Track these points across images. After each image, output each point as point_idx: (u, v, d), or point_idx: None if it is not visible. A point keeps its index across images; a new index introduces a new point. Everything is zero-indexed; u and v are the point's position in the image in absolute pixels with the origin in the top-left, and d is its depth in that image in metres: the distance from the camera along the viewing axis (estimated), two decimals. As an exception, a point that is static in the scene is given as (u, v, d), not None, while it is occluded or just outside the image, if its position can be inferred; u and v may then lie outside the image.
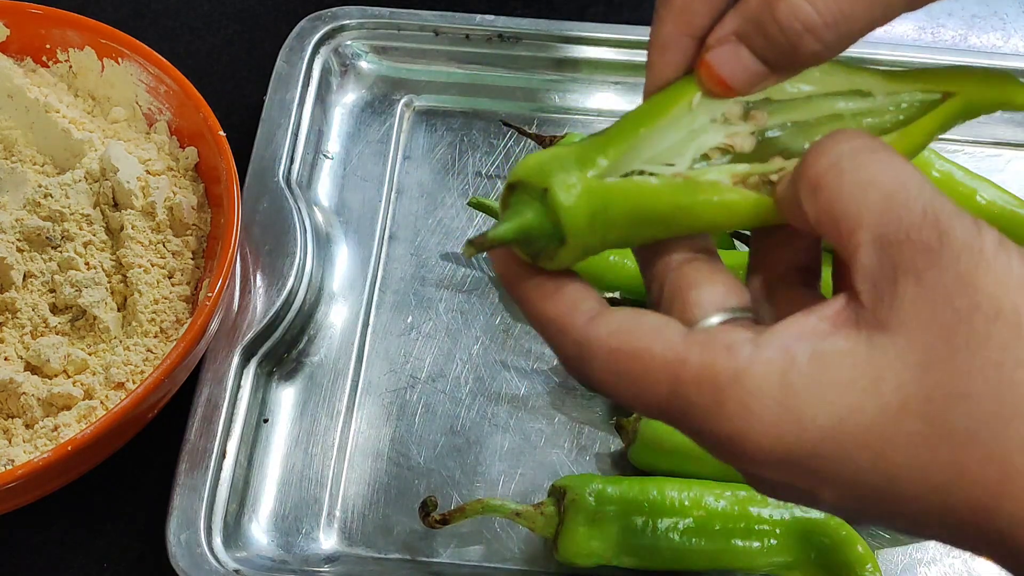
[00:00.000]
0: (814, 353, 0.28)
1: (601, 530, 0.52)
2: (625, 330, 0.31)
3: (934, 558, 0.55)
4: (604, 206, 0.31)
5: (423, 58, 0.72)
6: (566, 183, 0.31)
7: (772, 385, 0.28)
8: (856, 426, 0.28)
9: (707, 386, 0.29)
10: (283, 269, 0.61)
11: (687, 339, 0.30)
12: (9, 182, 0.61)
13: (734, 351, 0.29)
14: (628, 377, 0.30)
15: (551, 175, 0.31)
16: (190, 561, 0.52)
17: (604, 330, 0.31)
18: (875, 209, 0.29)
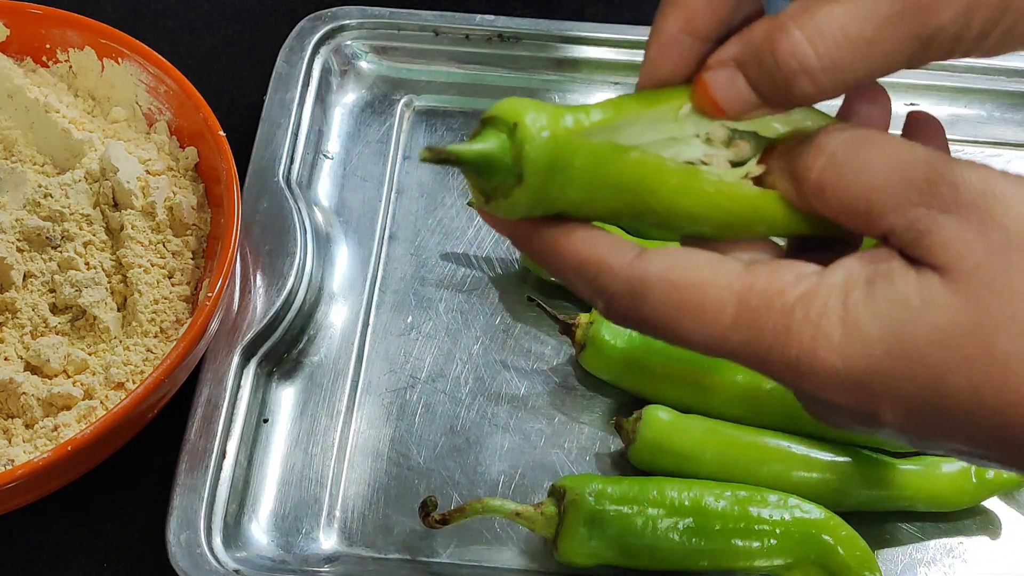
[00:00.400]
0: (875, 272, 0.30)
1: (601, 530, 0.52)
2: (681, 263, 0.31)
3: (934, 558, 0.55)
4: (569, 157, 0.31)
5: (423, 58, 0.72)
6: (537, 122, 0.30)
7: (836, 304, 0.30)
8: (913, 343, 0.29)
9: (776, 309, 0.30)
10: (283, 269, 0.61)
11: (751, 268, 0.31)
12: (9, 182, 0.61)
13: (801, 276, 0.30)
14: (690, 308, 0.31)
15: (525, 113, 0.30)
16: (190, 561, 0.52)
17: (658, 264, 0.31)
18: (882, 186, 0.31)
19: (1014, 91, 0.71)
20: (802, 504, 0.52)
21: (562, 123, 0.31)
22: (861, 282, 0.30)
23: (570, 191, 0.31)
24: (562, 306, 0.61)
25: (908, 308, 0.29)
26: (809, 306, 0.30)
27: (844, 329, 0.29)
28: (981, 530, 0.56)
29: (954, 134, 0.71)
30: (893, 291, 0.30)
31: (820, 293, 0.30)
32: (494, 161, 0.30)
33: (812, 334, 0.30)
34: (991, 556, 0.55)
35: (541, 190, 0.31)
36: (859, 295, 0.30)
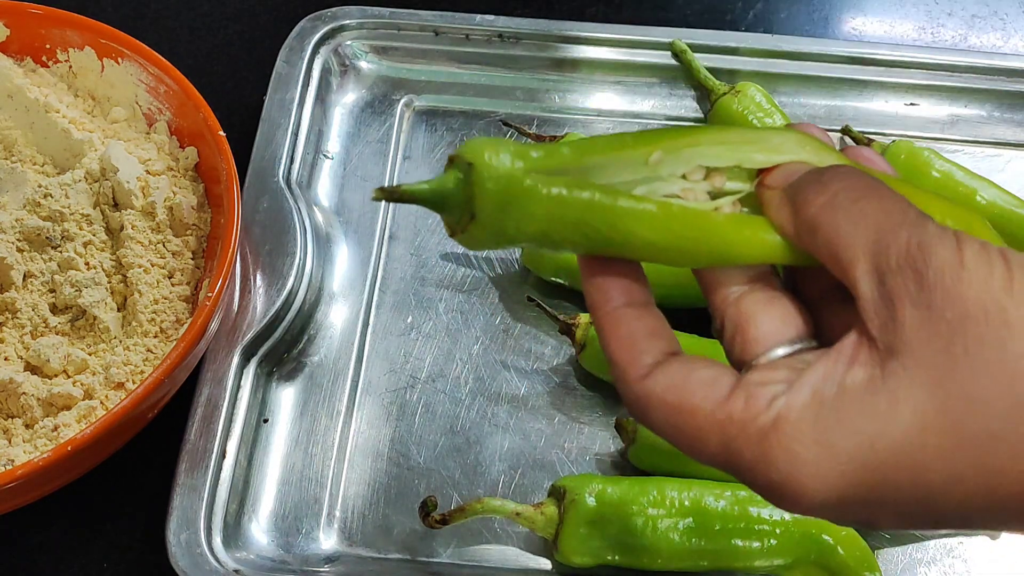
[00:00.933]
0: (838, 389, 0.30)
1: (601, 530, 0.52)
2: (678, 386, 0.33)
3: (934, 558, 0.55)
4: (523, 196, 0.31)
5: (423, 58, 0.72)
6: (491, 163, 0.31)
7: (807, 426, 0.30)
8: (886, 451, 0.29)
9: (752, 439, 0.31)
10: (283, 269, 0.61)
11: (733, 393, 0.32)
12: (9, 182, 0.61)
13: (774, 398, 0.31)
14: (683, 432, 0.32)
15: (482, 153, 0.31)
16: (190, 561, 0.52)
17: (660, 385, 0.33)
18: (867, 243, 0.31)
19: (1014, 91, 0.71)
20: (802, 504, 0.52)
21: (519, 163, 0.31)
22: (829, 399, 0.30)
23: (527, 227, 0.32)
24: (562, 306, 0.61)
25: (876, 417, 0.30)
26: (781, 432, 0.30)
27: (818, 450, 0.30)
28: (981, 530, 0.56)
29: (954, 134, 0.71)
30: (861, 403, 0.30)
31: (791, 417, 0.30)
32: (447, 199, 0.32)
33: (787, 459, 0.30)
34: (991, 556, 0.55)
35: (496, 226, 0.32)
36: (827, 413, 0.30)
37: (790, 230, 0.33)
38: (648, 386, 0.33)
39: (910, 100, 0.72)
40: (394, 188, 0.31)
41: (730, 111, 0.68)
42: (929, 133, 0.71)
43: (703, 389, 0.32)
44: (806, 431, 0.30)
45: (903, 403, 0.29)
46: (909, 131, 0.70)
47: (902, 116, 0.71)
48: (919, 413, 0.29)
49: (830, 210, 0.32)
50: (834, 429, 0.30)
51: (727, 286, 0.34)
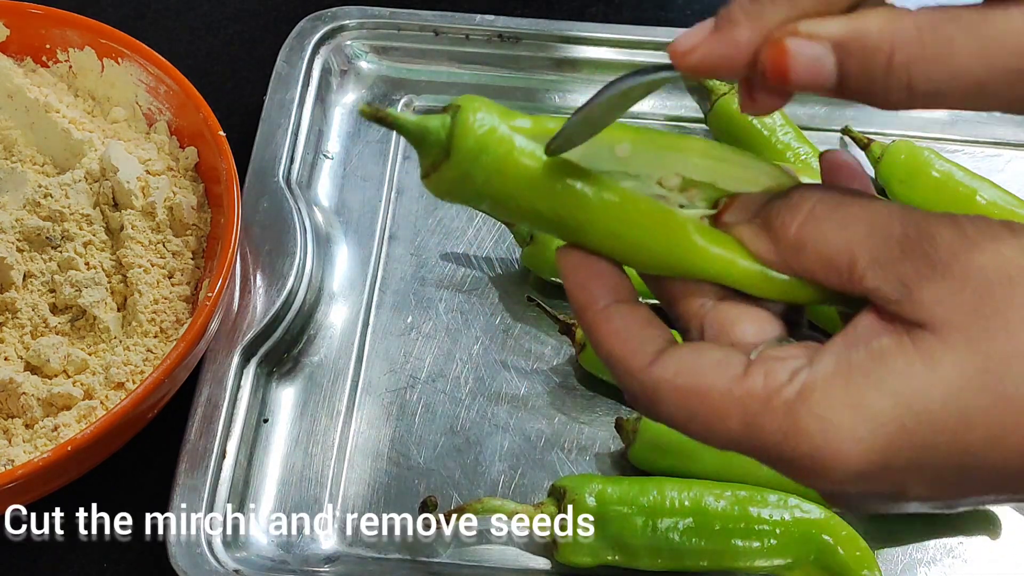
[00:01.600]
0: (867, 353, 0.29)
1: (601, 530, 0.52)
2: (689, 369, 0.31)
3: (934, 558, 0.55)
4: (500, 150, 0.31)
5: (423, 58, 0.72)
6: (478, 112, 0.31)
7: (839, 391, 0.29)
8: (925, 411, 0.29)
9: (778, 411, 0.29)
10: (283, 269, 0.61)
11: (750, 370, 0.30)
12: (9, 182, 0.61)
13: (795, 372, 0.30)
14: (700, 416, 0.31)
15: (473, 102, 0.32)
16: (190, 561, 0.52)
17: (670, 371, 0.31)
18: (862, 241, 0.30)
19: (1014, 91, 0.71)
20: (802, 504, 0.52)
21: (506, 120, 0.32)
22: (858, 364, 0.29)
23: (495, 181, 0.32)
24: (562, 306, 0.61)
25: (913, 377, 0.29)
26: (810, 400, 0.29)
27: (853, 413, 0.29)
28: (981, 530, 0.56)
29: (954, 134, 0.71)
30: (894, 364, 0.29)
31: (818, 385, 0.29)
32: (428, 134, 0.32)
33: (820, 427, 0.29)
34: (991, 556, 0.55)
35: (466, 170, 0.32)
36: (859, 377, 0.29)
37: (773, 257, 0.32)
38: (656, 373, 0.32)
39: (910, 100, 0.72)
40: (381, 111, 0.31)
41: (730, 111, 0.68)
42: (929, 133, 0.70)
43: (716, 369, 0.31)
44: (837, 396, 0.29)
45: (940, 363, 0.29)
46: (909, 131, 0.70)
47: (902, 116, 0.71)
48: (957, 372, 0.29)
49: (812, 224, 0.31)
50: (868, 392, 0.29)
51: (700, 297, 0.33)
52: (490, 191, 0.32)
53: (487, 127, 0.31)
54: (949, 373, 0.29)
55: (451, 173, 0.32)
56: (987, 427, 0.28)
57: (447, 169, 0.32)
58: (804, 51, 0.29)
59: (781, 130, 0.67)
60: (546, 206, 0.32)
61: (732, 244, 0.33)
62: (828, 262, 0.31)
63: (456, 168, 0.32)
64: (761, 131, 0.67)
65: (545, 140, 0.32)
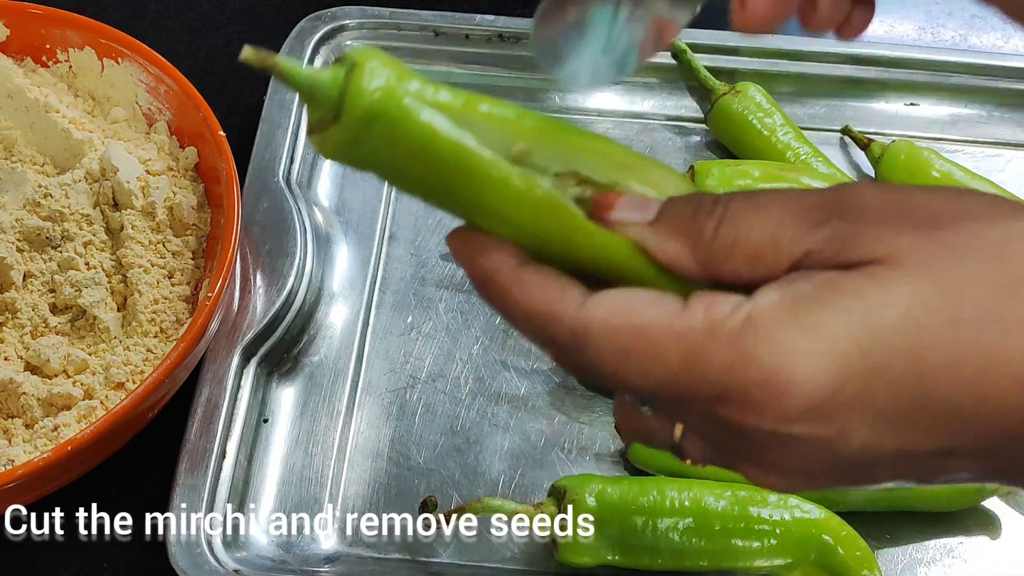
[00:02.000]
0: (814, 283, 0.28)
1: (601, 530, 0.52)
2: (622, 308, 0.30)
3: (934, 558, 0.55)
4: (396, 115, 0.29)
5: (423, 58, 0.72)
6: (375, 72, 0.29)
7: (788, 316, 0.28)
8: (881, 329, 0.28)
9: (723, 341, 0.28)
10: (283, 269, 0.61)
11: (688, 306, 0.29)
12: (9, 182, 0.61)
13: (738, 304, 0.29)
14: (634, 354, 0.29)
15: (369, 60, 0.29)
16: (190, 561, 0.52)
17: (601, 311, 0.30)
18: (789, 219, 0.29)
19: (1014, 91, 0.71)
20: (802, 504, 0.52)
21: (403, 85, 0.30)
22: (805, 293, 0.28)
23: (386, 149, 0.30)
24: (562, 306, 0.61)
25: (866, 298, 0.28)
26: (758, 326, 0.28)
27: (806, 335, 0.27)
28: (981, 530, 0.56)
29: (954, 134, 0.71)
30: (845, 287, 0.28)
31: (765, 312, 0.28)
32: (318, 89, 0.29)
33: (771, 350, 0.28)
34: (991, 556, 0.55)
35: (355, 137, 0.30)
36: (809, 303, 0.28)
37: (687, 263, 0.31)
38: (587, 313, 0.30)
39: (910, 100, 0.72)
40: (268, 59, 0.29)
41: (730, 111, 0.68)
42: (929, 133, 0.70)
43: (652, 306, 0.29)
44: (788, 320, 0.28)
45: (893, 286, 0.28)
46: (909, 131, 0.70)
47: (902, 116, 0.71)
48: (912, 292, 0.28)
49: (730, 223, 0.30)
50: (820, 313, 0.28)
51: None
52: (379, 160, 0.30)
53: (382, 91, 0.29)
54: (903, 295, 0.28)
55: (339, 136, 0.30)
56: (943, 350, 0.28)
57: (336, 131, 0.30)
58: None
59: (781, 130, 0.67)
60: (438, 182, 0.30)
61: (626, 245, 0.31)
62: (755, 252, 0.30)
63: (345, 132, 0.29)
64: (761, 131, 0.67)
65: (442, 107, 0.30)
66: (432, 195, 0.31)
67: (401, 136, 0.29)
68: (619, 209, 0.31)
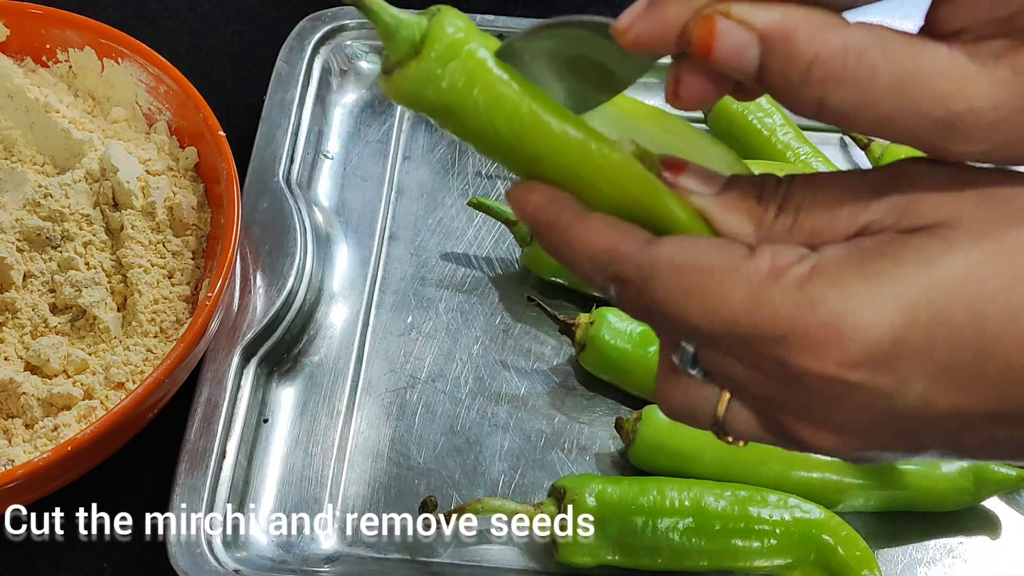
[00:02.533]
0: (877, 242, 0.29)
1: (601, 530, 0.52)
2: (689, 248, 0.30)
3: (934, 558, 0.55)
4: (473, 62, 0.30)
5: (423, 58, 0.72)
6: (457, 20, 0.31)
7: (854, 267, 0.29)
8: (943, 282, 0.28)
9: (789, 285, 0.29)
10: (283, 269, 0.61)
11: (757, 251, 0.30)
12: (9, 182, 0.61)
13: (804, 255, 0.29)
14: (699, 291, 0.30)
15: (452, 12, 0.31)
16: (190, 561, 0.52)
17: (668, 250, 0.30)
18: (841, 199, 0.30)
19: (1014, 91, 0.71)
20: (802, 504, 0.52)
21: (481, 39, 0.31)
22: (870, 248, 0.29)
23: (459, 91, 0.31)
24: (562, 306, 0.61)
25: (931, 253, 0.28)
26: (825, 274, 0.28)
27: (873, 283, 0.28)
28: (981, 530, 0.56)
29: (954, 134, 0.71)
30: (909, 244, 0.29)
31: (831, 263, 0.29)
32: (401, 28, 0.31)
33: (838, 294, 0.28)
34: (991, 556, 0.55)
35: (433, 73, 0.30)
36: (874, 257, 0.29)
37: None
38: (654, 251, 0.30)
39: (910, 100, 0.72)
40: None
41: (730, 110, 0.68)
42: (929, 133, 0.70)
43: (719, 249, 0.30)
44: (854, 268, 0.28)
45: (956, 244, 0.28)
46: (909, 131, 0.70)
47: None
48: (976, 251, 0.28)
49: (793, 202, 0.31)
50: (885, 265, 0.28)
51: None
52: (451, 99, 0.31)
53: (463, 35, 0.31)
54: (966, 252, 0.28)
55: (416, 73, 0.31)
56: (1007, 305, 0.28)
57: (413, 67, 0.31)
58: (732, 34, 0.29)
59: (781, 130, 0.67)
60: (505, 127, 0.31)
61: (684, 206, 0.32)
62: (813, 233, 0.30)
63: (423, 68, 0.31)
64: (761, 131, 0.67)
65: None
66: (496, 144, 0.32)
67: (477, 75, 0.30)
68: (687, 176, 0.32)
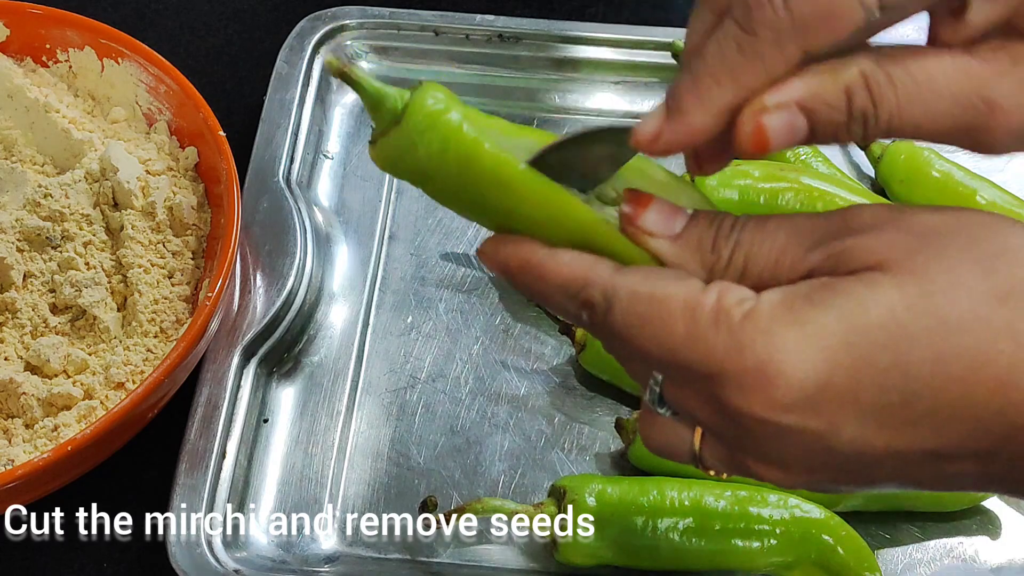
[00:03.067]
0: (811, 286, 0.31)
1: (601, 530, 0.52)
2: (649, 277, 0.32)
3: (934, 558, 0.55)
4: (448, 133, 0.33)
5: (423, 58, 0.72)
6: (436, 93, 0.33)
7: (784, 312, 0.30)
8: (867, 325, 0.29)
9: (723, 326, 0.30)
10: (283, 269, 0.61)
11: (707, 287, 0.31)
12: (9, 182, 0.61)
13: (744, 299, 0.31)
14: (651, 319, 0.32)
15: (433, 85, 0.34)
16: (190, 561, 0.52)
17: (631, 278, 0.33)
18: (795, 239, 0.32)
19: (1014, 91, 0.71)
20: (802, 504, 0.52)
21: (458, 106, 0.33)
22: (802, 293, 0.30)
23: (436, 160, 0.33)
24: (562, 306, 0.61)
25: (855, 297, 0.29)
26: (756, 319, 0.30)
27: (797, 329, 0.29)
28: (981, 530, 0.56)
29: (954, 134, 0.71)
30: (837, 288, 0.30)
31: (765, 308, 0.30)
32: (385, 100, 0.34)
33: (765, 341, 0.30)
34: (991, 556, 0.55)
35: (411, 142, 0.33)
36: (803, 302, 0.30)
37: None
38: (618, 278, 0.33)
39: (910, 100, 0.72)
40: (346, 68, 0.34)
41: (730, 111, 0.68)
42: (929, 133, 0.70)
43: (675, 281, 0.32)
44: (783, 316, 0.30)
45: (882, 288, 0.29)
46: (909, 131, 0.70)
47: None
48: (900, 295, 0.29)
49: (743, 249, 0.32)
50: (812, 311, 0.30)
51: None
52: (427, 165, 0.34)
53: (440, 107, 0.33)
54: (891, 296, 0.29)
55: (396, 141, 0.34)
56: (929, 347, 0.29)
57: (394, 136, 0.34)
58: (780, 121, 0.32)
59: (781, 130, 0.67)
60: (477, 191, 0.34)
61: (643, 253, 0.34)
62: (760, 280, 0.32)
63: (402, 137, 0.33)
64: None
65: (491, 134, 0.34)
66: (469, 204, 0.35)
67: (451, 144, 0.33)
68: (649, 212, 0.34)
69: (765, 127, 0.31)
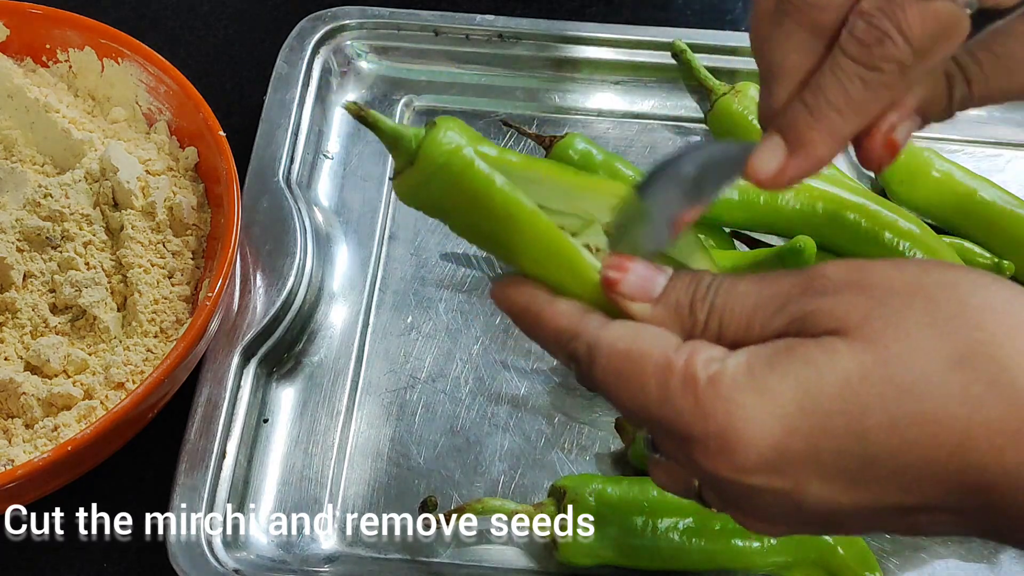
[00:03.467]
0: (774, 349, 0.31)
1: (601, 530, 0.52)
2: (629, 334, 0.33)
3: (934, 558, 0.55)
4: (460, 171, 0.34)
5: (423, 58, 0.72)
6: (450, 131, 0.35)
7: (744, 378, 0.31)
8: (823, 394, 0.30)
9: (688, 391, 0.31)
10: (283, 269, 0.61)
11: (678, 348, 0.32)
12: (9, 182, 0.61)
13: (710, 360, 0.32)
14: (625, 378, 0.33)
15: (448, 122, 0.35)
16: (190, 561, 0.52)
17: (612, 334, 0.33)
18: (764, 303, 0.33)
19: (1014, 91, 0.71)
20: (802, 504, 0.52)
21: (471, 144, 0.35)
22: (763, 358, 0.31)
23: (450, 196, 0.35)
24: (562, 306, 0.61)
25: (812, 364, 0.30)
26: (719, 385, 0.31)
27: (755, 396, 0.30)
28: (981, 530, 0.56)
29: (954, 134, 0.71)
30: (796, 354, 0.31)
31: (727, 372, 0.31)
32: (401, 140, 0.35)
33: (726, 408, 0.30)
34: (991, 556, 0.55)
35: (425, 181, 0.35)
36: (764, 368, 0.31)
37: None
38: (603, 334, 0.34)
39: (910, 100, 0.72)
40: (364, 110, 0.35)
41: (730, 111, 0.68)
42: (929, 133, 0.70)
43: (653, 339, 0.33)
44: (743, 383, 0.31)
45: (839, 354, 0.30)
46: (909, 131, 0.70)
47: (902, 116, 0.71)
48: (856, 362, 0.30)
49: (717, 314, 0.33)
50: (770, 378, 0.30)
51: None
52: (444, 202, 0.35)
53: (453, 145, 0.35)
54: (847, 362, 0.30)
55: (413, 179, 0.35)
56: (884, 413, 0.29)
57: (411, 174, 0.35)
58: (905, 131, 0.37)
59: (781, 130, 0.67)
60: (488, 227, 0.35)
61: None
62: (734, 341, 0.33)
63: (418, 175, 0.35)
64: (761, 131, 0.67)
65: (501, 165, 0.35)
66: (486, 240, 0.36)
67: (462, 184, 0.35)
68: (626, 283, 0.35)
69: (896, 140, 0.36)
